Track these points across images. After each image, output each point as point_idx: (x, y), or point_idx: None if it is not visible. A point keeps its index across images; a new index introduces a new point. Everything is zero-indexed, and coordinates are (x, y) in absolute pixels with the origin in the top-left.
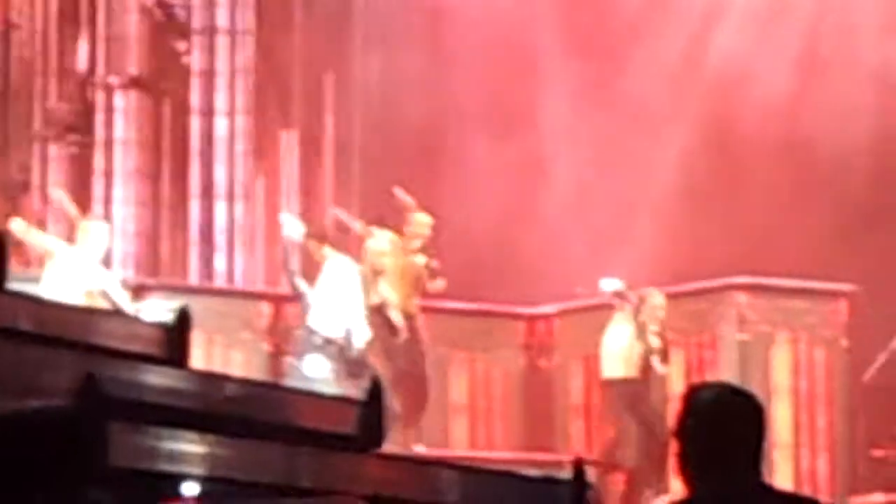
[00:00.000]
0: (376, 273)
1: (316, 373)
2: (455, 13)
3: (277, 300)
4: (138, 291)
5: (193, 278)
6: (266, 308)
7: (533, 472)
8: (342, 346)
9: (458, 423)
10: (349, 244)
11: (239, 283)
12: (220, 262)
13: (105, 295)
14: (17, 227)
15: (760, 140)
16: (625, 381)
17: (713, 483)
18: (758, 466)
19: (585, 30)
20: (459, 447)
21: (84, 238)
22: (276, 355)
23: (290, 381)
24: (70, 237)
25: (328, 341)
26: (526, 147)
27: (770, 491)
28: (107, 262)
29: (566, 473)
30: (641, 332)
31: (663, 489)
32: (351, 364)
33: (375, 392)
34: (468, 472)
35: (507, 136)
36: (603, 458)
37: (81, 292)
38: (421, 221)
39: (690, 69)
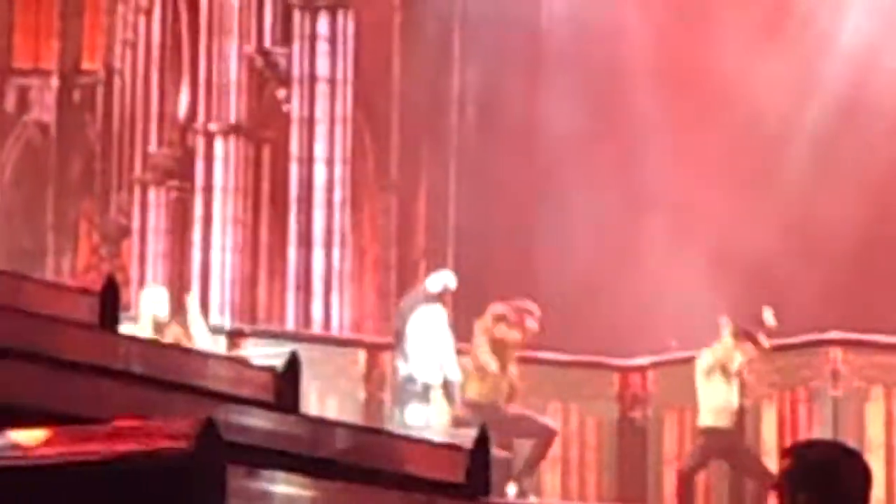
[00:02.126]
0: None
1: (417, 421)
2: (552, 70)
3: (373, 348)
4: (235, 337)
5: (290, 324)
6: (362, 355)
7: None
8: (445, 391)
9: (552, 472)
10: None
11: (335, 331)
12: (316, 309)
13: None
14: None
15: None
16: (720, 431)
17: None
18: None
19: (681, 52)
20: (552, 497)
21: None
22: (371, 402)
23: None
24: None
25: (427, 387)
26: (624, 196)
27: None
28: (204, 307)
29: None
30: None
31: None
32: (457, 411)
33: (483, 440)
34: None
35: (606, 184)
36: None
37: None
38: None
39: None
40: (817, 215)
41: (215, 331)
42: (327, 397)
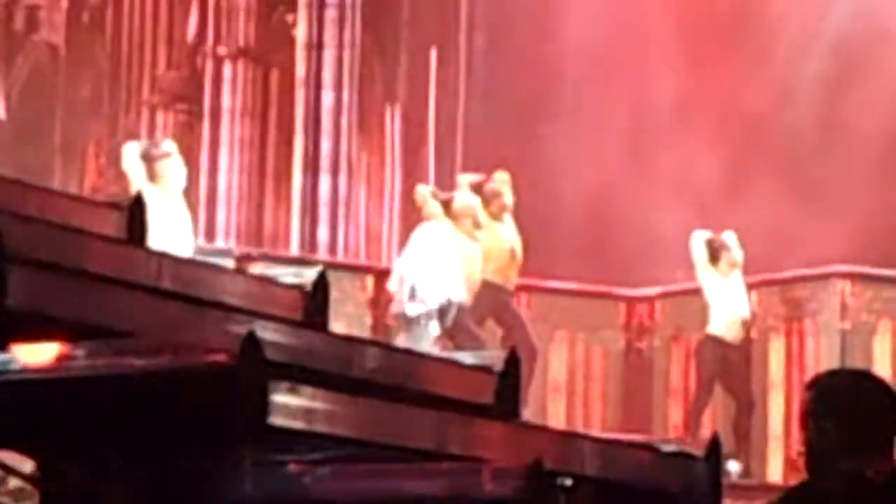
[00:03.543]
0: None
1: (422, 345)
2: None
3: (381, 273)
4: (242, 261)
5: (295, 249)
6: (370, 281)
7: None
8: (441, 313)
9: (556, 401)
10: None
11: (340, 256)
12: (322, 234)
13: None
14: None
15: (869, 126)
16: (727, 345)
17: (845, 468)
18: (891, 453)
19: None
20: (556, 424)
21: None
22: (378, 328)
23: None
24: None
25: (431, 313)
26: (630, 128)
27: None
28: (211, 230)
29: None
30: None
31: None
32: (450, 328)
33: (513, 362)
34: (607, 443)
35: (612, 116)
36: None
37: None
38: (500, 178)
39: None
40: (825, 152)
41: (223, 254)
42: (334, 322)
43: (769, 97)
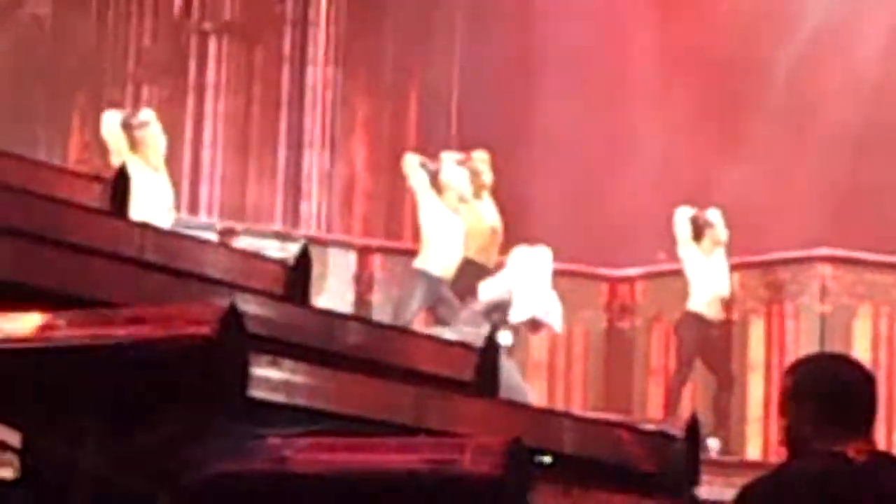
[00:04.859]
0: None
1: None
2: None
3: (364, 250)
4: (225, 235)
5: (278, 224)
6: (352, 257)
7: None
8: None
9: (537, 380)
10: None
11: (324, 231)
12: (305, 210)
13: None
14: None
15: (846, 111)
16: (707, 322)
17: (826, 448)
18: (869, 433)
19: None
20: (537, 403)
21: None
22: (361, 304)
23: None
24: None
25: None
26: (614, 111)
27: (885, 456)
28: (194, 205)
29: None
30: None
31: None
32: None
33: (493, 339)
34: (586, 422)
35: (595, 95)
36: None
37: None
38: (479, 157)
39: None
40: (807, 132)
41: (206, 228)
42: (316, 297)
43: (750, 78)
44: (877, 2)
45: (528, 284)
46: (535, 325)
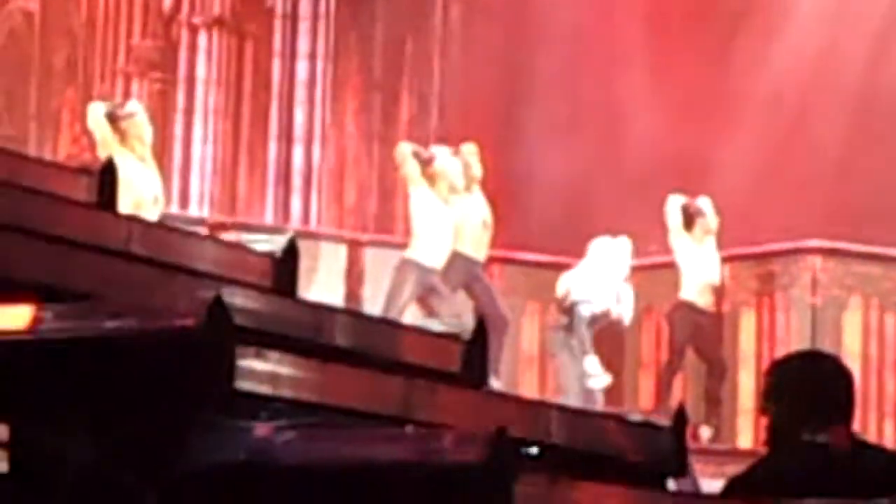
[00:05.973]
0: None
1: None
2: None
3: (354, 244)
4: (215, 229)
5: (269, 218)
6: (343, 251)
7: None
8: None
9: (530, 371)
10: None
11: (313, 226)
12: (295, 204)
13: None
14: None
15: (843, 99)
16: (699, 311)
17: (807, 439)
18: (848, 425)
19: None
20: (529, 395)
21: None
22: (351, 298)
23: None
24: None
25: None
26: (604, 101)
27: (866, 445)
28: (184, 199)
29: None
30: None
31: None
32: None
33: (481, 331)
34: (574, 412)
35: (587, 95)
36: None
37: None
38: (468, 150)
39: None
40: (801, 124)
41: (196, 222)
42: (305, 292)
43: (743, 71)
44: None
45: (605, 276)
46: (604, 318)
